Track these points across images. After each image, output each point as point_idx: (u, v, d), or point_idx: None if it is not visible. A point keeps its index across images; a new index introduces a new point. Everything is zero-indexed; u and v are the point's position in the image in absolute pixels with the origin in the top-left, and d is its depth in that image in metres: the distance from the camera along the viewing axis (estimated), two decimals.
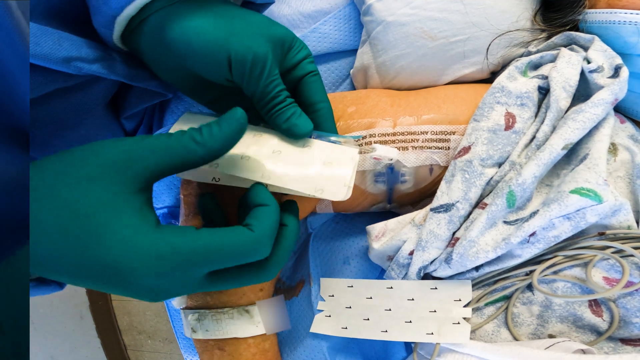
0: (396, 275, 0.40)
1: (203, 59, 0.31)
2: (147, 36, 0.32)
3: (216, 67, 0.31)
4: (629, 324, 0.35)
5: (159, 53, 0.32)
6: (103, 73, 0.34)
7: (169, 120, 0.49)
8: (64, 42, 0.31)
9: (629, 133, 0.39)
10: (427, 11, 0.41)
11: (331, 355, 0.43)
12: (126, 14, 0.30)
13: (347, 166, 0.32)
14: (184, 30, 0.30)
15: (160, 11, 0.31)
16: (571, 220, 0.33)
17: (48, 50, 0.30)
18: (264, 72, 0.31)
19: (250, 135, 0.33)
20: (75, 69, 0.32)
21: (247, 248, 0.25)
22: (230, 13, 0.32)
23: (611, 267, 0.35)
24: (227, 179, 0.34)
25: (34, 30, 0.30)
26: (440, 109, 0.39)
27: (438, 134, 0.38)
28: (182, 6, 0.31)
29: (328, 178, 0.31)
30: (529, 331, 0.38)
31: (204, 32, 0.30)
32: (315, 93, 0.35)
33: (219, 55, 0.30)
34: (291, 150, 0.32)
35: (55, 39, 0.30)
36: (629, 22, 0.36)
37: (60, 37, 0.31)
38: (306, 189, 0.30)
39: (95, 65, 0.33)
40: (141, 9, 0.31)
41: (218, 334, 0.37)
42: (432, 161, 0.39)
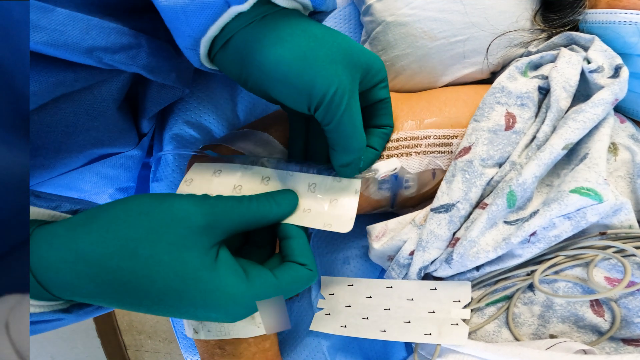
0: (396, 275, 0.40)
1: (283, 91, 0.30)
2: (231, 59, 0.31)
3: (296, 99, 0.30)
4: (630, 324, 0.35)
5: (243, 76, 0.31)
6: (124, 64, 0.33)
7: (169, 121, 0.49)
8: (92, 30, 0.30)
9: (629, 133, 0.39)
10: (427, 11, 0.41)
11: (331, 355, 0.43)
12: (210, 35, 0.29)
13: (351, 200, 0.35)
14: (263, 60, 0.29)
15: (240, 33, 0.30)
16: (572, 220, 0.33)
17: (74, 39, 0.29)
18: (341, 106, 0.30)
19: (258, 179, 0.36)
20: (96, 59, 0.31)
21: (309, 282, 0.32)
22: (309, 36, 0.30)
23: (612, 267, 0.35)
24: None
25: (62, 19, 0.29)
26: (442, 112, 0.39)
27: (440, 138, 0.38)
28: (261, 29, 0.30)
29: (335, 215, 0.34)
30: (530, 331, 0.38)
31: (284, 63, 0.29)
32: (383, 118, 0.36)
33: (299, 89, 0.29)
34: (300, 193, 0.35)
35: (83, 26, 0.30)
36: (629, 22, 0.36)
37: (89, 25, 0.30)
38: (316, 225, 0.34)
39: (117, 55, 0.32)
40: (221, 30, 0.30)
41: (220, 334, 0.37)
42: (435, 165, 0.39)
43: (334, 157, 0.33)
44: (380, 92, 0.34)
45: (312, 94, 0.29)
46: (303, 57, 0.29)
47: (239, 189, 0.36)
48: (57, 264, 0.25)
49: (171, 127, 0.49)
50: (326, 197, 0.35)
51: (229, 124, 0.50)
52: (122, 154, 0.44)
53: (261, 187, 0.36)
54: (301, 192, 0.35)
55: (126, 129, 0.42)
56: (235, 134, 0.41)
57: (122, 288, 0.26)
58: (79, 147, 0.39)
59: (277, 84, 0.30)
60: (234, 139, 0.41)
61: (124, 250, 0.25)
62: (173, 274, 0.26)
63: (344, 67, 0.30)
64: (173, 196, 0.28)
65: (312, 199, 0.35)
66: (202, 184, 0.37)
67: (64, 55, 0.30)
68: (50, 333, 1.34)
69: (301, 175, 0.35)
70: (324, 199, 0.35)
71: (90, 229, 0.26)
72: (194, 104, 0.48)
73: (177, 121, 0.48)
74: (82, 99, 0.36)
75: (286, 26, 0.30)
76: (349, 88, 0.30)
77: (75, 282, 0.25)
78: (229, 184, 0.36)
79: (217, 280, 0.27)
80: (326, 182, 0.35)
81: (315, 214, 0.34)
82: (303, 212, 0.34)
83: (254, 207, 0.31)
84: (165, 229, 0.26)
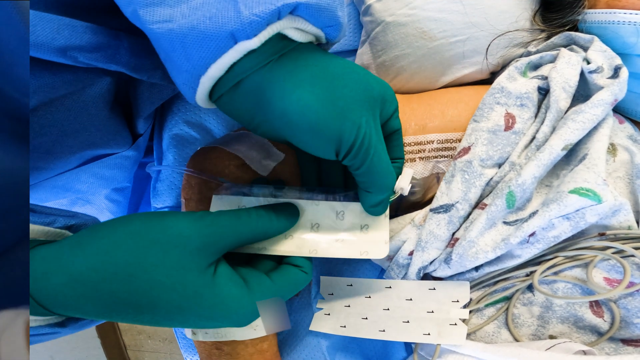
0: (396, 275, 0.40)
1: (309, 141, 0.28)
2: (241, 104, 0.28)
3: (324, 148, 0.28)
4: (630, 325, 0.35)
5: (255, 121, 0.29)
6: (102, 63, 0.32)
7: (169, 122, 0.49)
8: (63, 30, 0.29)
9: (628, 133, 0.39)
10: (426, 11, 0.41)
11: (331, 354, 0.43)
12: (212, 74, 0.26)
13: (382, 224, 0.35)
14: (287, 108, 0.27)
15: (255, 75, 0.27)
16: (571, 221, 0.33)
17: (44, 39, 0.28)
18: (370, 149, 0.29)
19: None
20: (70, 58, 0.30)
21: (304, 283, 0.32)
22: (331, 77, 0.28)
23: (612, 268, 0.35)
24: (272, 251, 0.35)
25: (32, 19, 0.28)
26: (444, 115, 0.39)
27: (444, 143, 0.38)
28: (279, 71, 0.27)
29: (369, 242, 0.34)
30: (530, 332, 0.38)
31: (309, 110, 0.27)
32: (395, 151, 0.34)
33: (327, 137, 0.27)
34: (328, 222, 0.34)
35: (54, 26, 0.29)
36: (628, 22, 0.36)
37: (60, 24, 0.29)
38: (353, 255, 0.34)
39: (95, 54, 0.31)
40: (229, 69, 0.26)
41: (217, 336, 0.37)
42: (439, 169, 0.39)
43: (366, 199, 0.32)
44: (394, 122, 0.33)
45: (342, 141, 0.27)
46: (329, 101, 0.27)
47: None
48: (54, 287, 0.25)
49: (171, 127, 0.49)
50: (356, 223, 0.34)
51: (229, 124, 0.50)
52: (118, 154, 0.44)
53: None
54: (330, 221, 0.34)
55: (119, 130, 0.42)
56: (231, 136, 0.41)
57: (123, 308, 0.26)
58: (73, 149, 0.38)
59: (303, 134, 0.28)
60: (229, 141, 0.40)
61: (121, 274, 0.25)
62: (174, 295, 0.26)
63: (367, 104, 0.29)
64: (169, 216, 0.27)
65: (343, 228, 0.34)
66: None
67: (37, 54, 0.29)
68: None
69: (327, 204, 0.35)
70: (354, 227, 0.34)
71: (86, 252, 0.25)
72: (192, 107, 0.48)
73: (177, 121, 0.48)
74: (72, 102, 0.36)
75: (306, 67, 0.27)
76: (373, 127, 0.29)
77: (73, 303, 0.25)
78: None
79: (219, 295, 0.27)
80: (354, 208, 0.34)
81: (350, 244, 0.34)
82: (336, 242, 0.34)
83: (253, 223, 0.30)
84: (162, 252, 0.26)
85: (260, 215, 0.31)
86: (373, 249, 0.34)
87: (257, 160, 0.39)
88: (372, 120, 0.29)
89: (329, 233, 0.34)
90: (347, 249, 0.34)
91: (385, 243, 0.34)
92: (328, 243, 0.34)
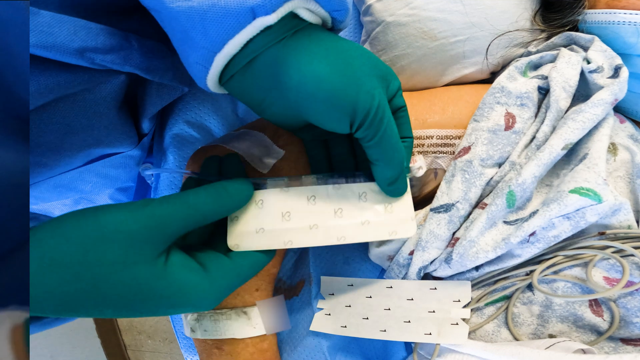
0: (396, 275, 0.40)
1: (325, 111, 0.28)
2: (255, 81, 0.28)
3: (339, 118, 0.28)
4: (629, 324, 0.35)
5: (268, 100, 0.29)
6: (117, 64, 0.32)
7: (170, 121, 0.49)
8: (79, 32, 0.29)
9: (629, 133, 0.39)
10: (426, 11, 0.41)
11: (331, 355, 0.43)
12: (228, 51, 0.26)
13: (406, 201, 0.33)
14: (302, 77, 0.27)
15: (269, 51, 0.27)
16: (571, 220, 0.33)
17: (62, 40, 0.28)
18: (384, 119, 0.29)
19: (303, 200, 0.33)
20: (88, 60, 0.30)
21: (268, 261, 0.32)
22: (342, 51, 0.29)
23: (611, 267, 0.35)
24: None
25: (48, 20, 0.28)
26: (444, 111, 0.39)
27: (443, 139, 0.38)
28: (294, 45, 0.28)
29: (396, 221, 0.33)
30: (529, 331, 0.38)
31: (325, 80, 0.27)
32: (403, 129, 0.34)
33: (343, 107, 0.28)
34: (351, 205, 0.33)
35: (71, 28, 0.29)
36: (629, 23, 0.36)
37: (77, 26, 0.29)
38: (382, 236, 0.33)
39: (109, 55, 0.31)
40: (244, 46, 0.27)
41: (215, 334, 0.37)
42: (437, 165, 0.39)
43: (380, 174, 0.32)
44: (399, 99, 0.33)
45: (357, 110, 0.28)
46: (343, 72, 0.27)
47: (287, 216, 0.33)
48: None
49: (171, 127, 0.49)
50: (380, 204, 0.33)
51: (230, 124, 0.50)
52: (123, 153, 0.44)
53: (309, 207, 0.33)
54: (353, 204, 0.33)
55: (126, 129, 0.42)
56: (232, 135, 0.41)
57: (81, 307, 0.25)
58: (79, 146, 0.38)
59: (319, 104, 0.28)
60: (230, 140, 0.40)
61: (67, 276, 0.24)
62: (127, 290, 0.25)
63: (378, 77, 0.29)
64: (104, 211, 0.26)
65: (367, 209, 0.33)
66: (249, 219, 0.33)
67: (56, 57, 0.29)
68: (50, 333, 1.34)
69: (349, 186, 0.33)
70: (379, 207, 0.33)
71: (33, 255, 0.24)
72: (194, 104, 0.48)
73: (178, 121, 0.48)
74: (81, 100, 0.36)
75: (320, 41, 0.28)
76: (385, 99, 0.29)
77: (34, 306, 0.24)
78: (277, 213, 0.33)
79: (174, 284, 0.26)
80: (376, 188, 0.33)
81: (376, 225, 0.33)
82: (362, 225, 0.33)
83: (202, 205, 0.28)
84: (102, 250, 0.25)
85: (210, 196, 0.29)
86: (400, 228, 0.33)
87: (257, 158, 0.39)
88: (383, 92, 0.29)
89: (354, 217, 0.33)
90: (375, 231, 0.33)
91: (412, 220, 0.33)
92: (354, 227, 0.33)
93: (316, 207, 0.33)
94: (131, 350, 1.47)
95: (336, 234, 0.33)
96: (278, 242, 0.32)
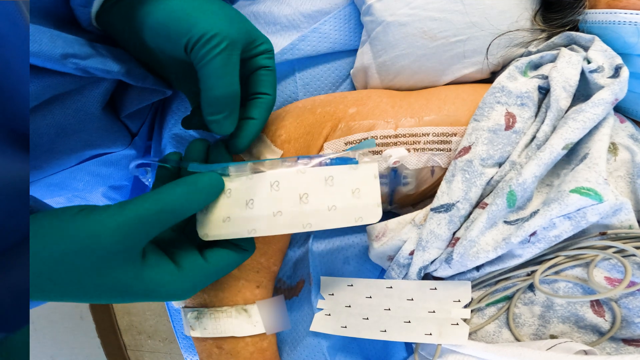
0: (396, 275, 0.40)
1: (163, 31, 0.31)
2: (121, 13, 0.32)
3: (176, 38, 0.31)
4: (631, 324, 0.35)
5: (127, 32, 0.33)
6: (99, 70, 0.33)
7: (169, 121, 0.49)
8: (57, 40, 0.30)
9: (629, 132, 0.39)
10: (427, 11, 0.41)
11: (331, 355, 0.43)
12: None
13: (372, 186, 0.33)
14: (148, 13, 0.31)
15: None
16: (572, 220, 0.33)
17: (45, 48, 0.30)
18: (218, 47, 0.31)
19: (266, 186, 0.32)
20: (72, 65, 0.31)
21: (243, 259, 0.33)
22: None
23: (613, 267, 0.35)
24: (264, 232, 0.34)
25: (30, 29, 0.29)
26: (441, 109, 0.39)
27: (439, 136, 0.38)
28: None
29: (362, 207, 0.33)
30: (531, 332, 0.38)
31: (172, 9, 0.31)
32: (262, 85, 0.35)
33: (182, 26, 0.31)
34: (317, 190, 0.32)
35: (48, 36, 0.30)
36: (629, 23, 0.36)
37: (53, 35, 0.30)
38: (348, 222, 0.33)
39: (89, 60, 0.32)
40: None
41: (215, 332, 0.37)
42: (434, 163, 0.39)
43: (203, 102, 0.33)
44: (264, 60, 0.35)
45: (193, 31, 0.30)
46: (189, 7, 0.31)
47: (250, 204, 0.32)
48: None
49: (171, 127, 0.49)
50: (347, 188, 0.33)
51: None
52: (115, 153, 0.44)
53: (272, 194, 0.32)
54: (319, 189, 0.32)
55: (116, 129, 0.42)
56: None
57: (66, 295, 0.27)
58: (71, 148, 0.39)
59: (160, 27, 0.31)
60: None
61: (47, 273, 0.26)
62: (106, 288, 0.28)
63: (229, 25, 0.31)
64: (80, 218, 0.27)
65: (333, 194, 0.32)
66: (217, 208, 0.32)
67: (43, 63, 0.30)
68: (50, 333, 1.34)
69: (314, 170, 0.33)
70: (345, 191, 0.32)
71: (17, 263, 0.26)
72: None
73: (178, 121, 0.48)
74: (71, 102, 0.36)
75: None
76: (231, 41, 0.31)
77: None
78: (241, 201, 0.32)
79: (150, 284, 0.29)
80: (342, 171, 0.33)
81: (343, 211, 0.32)
82: (329, 210, 0.32)
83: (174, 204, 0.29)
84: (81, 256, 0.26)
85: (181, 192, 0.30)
86: (366, 214, 0.33)
87: (255, 157, 0.39)
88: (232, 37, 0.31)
89: (320, 202, 0.32)
90: (342, 217, 0.32)
91: (378, 206, 0.33)
92: (320, 214, 0.32)
93: (280, 194, 0.32)
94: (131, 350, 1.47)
95: (301, 221, 0.32)
96: (242, 230, 0.32)
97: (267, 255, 0.41)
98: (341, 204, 0.32)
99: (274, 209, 0.32)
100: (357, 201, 0.33)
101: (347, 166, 0.33)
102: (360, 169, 0.33)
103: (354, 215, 0.33)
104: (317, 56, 0.47)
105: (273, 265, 0.41)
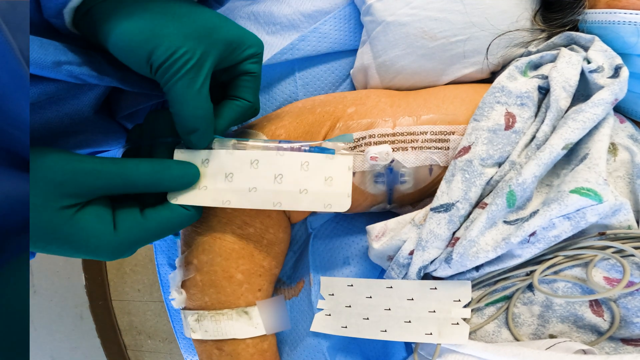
0: (396, 275, 0.40)
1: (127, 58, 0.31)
2: (89, 27, 0.32)
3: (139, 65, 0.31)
4: (630, 324, 0.35)
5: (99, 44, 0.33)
6: (94, 76, 0.33)
7: None
8: (47, 47, 0.31)
9: (629, 133, 0.39)
10: (427, 11, 0.41)
11: (331, 355, 0.43)
12: (71, 6, 0.31)
13: (345, 177, 0.35)
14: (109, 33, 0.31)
15: (98, 5, 0.31)
16: (571, 220, 0.33)
17: (37, 56, 0.30)
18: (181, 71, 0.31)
19: (247, 163, 0.34)
20: (66, 72, 0.31)
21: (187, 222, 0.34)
22: (164, 14, 0.31)
23: (612, 267, 0.35)
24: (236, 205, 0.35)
25: None
26: (439, 109, 0.39)
27: (437, 134, 0.38)
28: (117, 4, 0.31)
29: (332, 194, 0.34)
30: (530, 331, 0.38)
31: (128, 36, 0.30)
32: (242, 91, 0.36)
33: (140, 56, 0.31)
34: (292, 172, 0.34)
35: (38, 44, 0.30)
36: (629, 22, 0.36)
37: (42, 42, 0.30)
38: (317, 207, 0.34)
39: (84, 67, 0.32)
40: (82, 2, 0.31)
41: (216, 334, 0.37)
42: (432, 161, 0.39)
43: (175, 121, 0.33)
44: (248, 66, 0.35)
45: (153, 57, 0.30)
46: (149, 31, 0.30)
47: (230, 177, 0.34)
48: None
49: None
50: (321, 175, 0.34)
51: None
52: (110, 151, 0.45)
53: (251, 171, 0.34)
54: (294, 172, 0.34)
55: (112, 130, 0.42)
56: (231, 134, 0.42)
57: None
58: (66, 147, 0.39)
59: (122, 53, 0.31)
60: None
61: None
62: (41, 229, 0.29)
63: (198, 41, 0.31)
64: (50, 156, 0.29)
65: (307, 178, 0.34)
66: None
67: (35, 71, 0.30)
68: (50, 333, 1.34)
69: (292, 154, 0.35)
70: (319, 178, 0.34)
71: None
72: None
73: None
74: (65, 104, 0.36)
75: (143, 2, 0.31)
76: (197, 59, 0.31)
77: None
78: (221, 173, 0.34)
79: (79, 233, 0.30)
80: (318, 159, 0.35)
81: (313, 195, 0.34)
82: (300, 193, 0.34)
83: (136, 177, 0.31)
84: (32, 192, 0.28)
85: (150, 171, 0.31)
86: (336, 202, 0.34)
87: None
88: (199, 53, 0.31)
89: (293, 184, 0.34)
90: (311, 201, 0.34)
91: (348, 196, 0.34)
92: (291, 195, 0.34)
93: (258, 172, 0.34)
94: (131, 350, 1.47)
95: (272, 199, 0.34)
96: (217, 200, 0.34)
97: (268, 259, 0.41)
98: (313, 189, 0.34)
99: (250, 185, 0.34)
100: (329, 189, 0.34)
101: (323, 155, 0.35)
102: (336, 160, 0.35)
103: (324, 201, 0.34)
104: (317, 56, 0.47)
105: (274, 268, 0.41)
